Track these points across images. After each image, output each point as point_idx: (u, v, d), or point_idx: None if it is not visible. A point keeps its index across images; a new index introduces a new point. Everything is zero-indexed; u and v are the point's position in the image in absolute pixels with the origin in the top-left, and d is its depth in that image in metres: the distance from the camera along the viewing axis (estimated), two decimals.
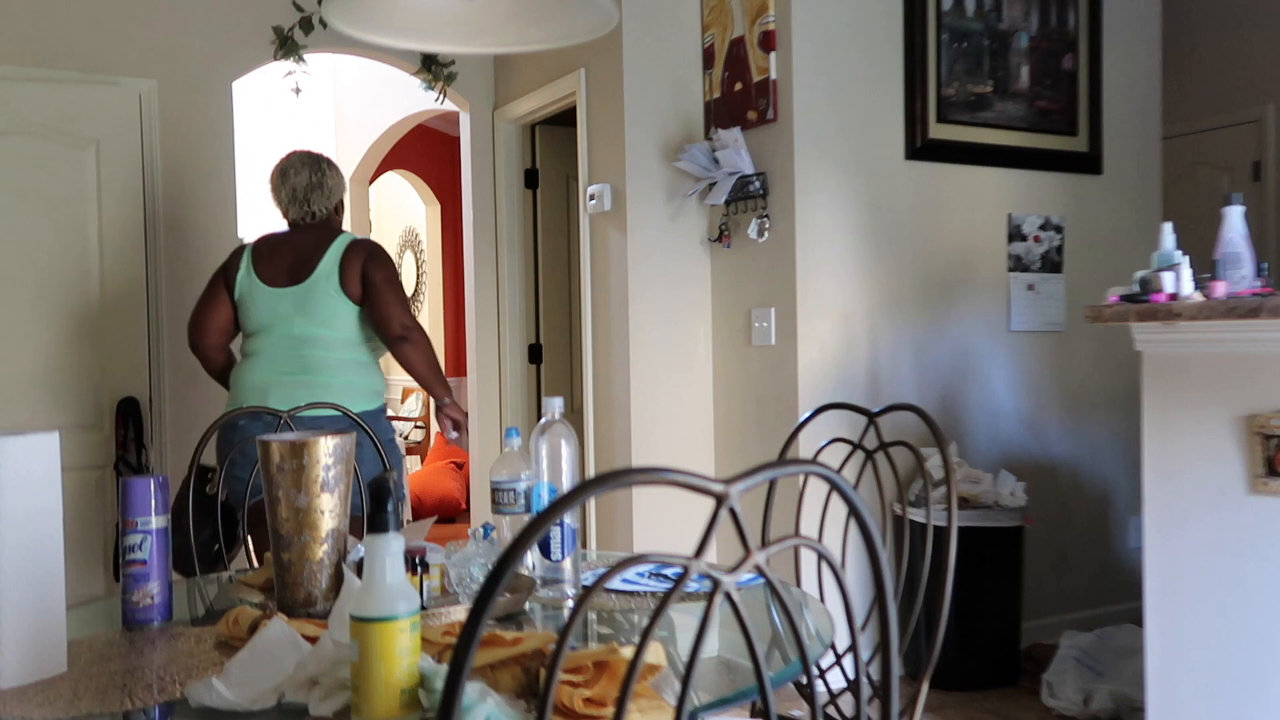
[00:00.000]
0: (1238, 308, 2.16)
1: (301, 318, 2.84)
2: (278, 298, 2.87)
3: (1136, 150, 4.15)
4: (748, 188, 3.63)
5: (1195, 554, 2.37)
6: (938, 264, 3.75)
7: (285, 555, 1.52)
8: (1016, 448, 3.88)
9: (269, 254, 2.92)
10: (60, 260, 3.70)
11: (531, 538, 0.73)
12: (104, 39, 3.83)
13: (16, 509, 1.32)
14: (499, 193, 4.82)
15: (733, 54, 3.74)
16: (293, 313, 2.85)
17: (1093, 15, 4.00)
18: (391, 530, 1.14)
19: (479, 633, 0.71)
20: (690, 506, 2.92)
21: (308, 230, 2.98)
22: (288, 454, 1.50)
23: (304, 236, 2.96)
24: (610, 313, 3.97)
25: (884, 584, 0.93)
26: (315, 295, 2.85)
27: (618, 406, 3.93)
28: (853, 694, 0.98)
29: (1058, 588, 3.91)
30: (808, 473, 0.88)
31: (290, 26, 4.13)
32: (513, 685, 1.13)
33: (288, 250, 2.92)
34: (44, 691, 1.27)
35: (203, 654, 1.40)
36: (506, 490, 1.75)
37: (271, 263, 2.90)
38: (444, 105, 4.80)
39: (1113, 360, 4.01)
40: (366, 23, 1.96)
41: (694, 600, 1.63)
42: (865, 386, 3.61)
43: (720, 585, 0.81)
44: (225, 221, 4.07)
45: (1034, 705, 3.24)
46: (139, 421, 3.79)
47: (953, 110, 3.72)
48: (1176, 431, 2.40)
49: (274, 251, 2.93)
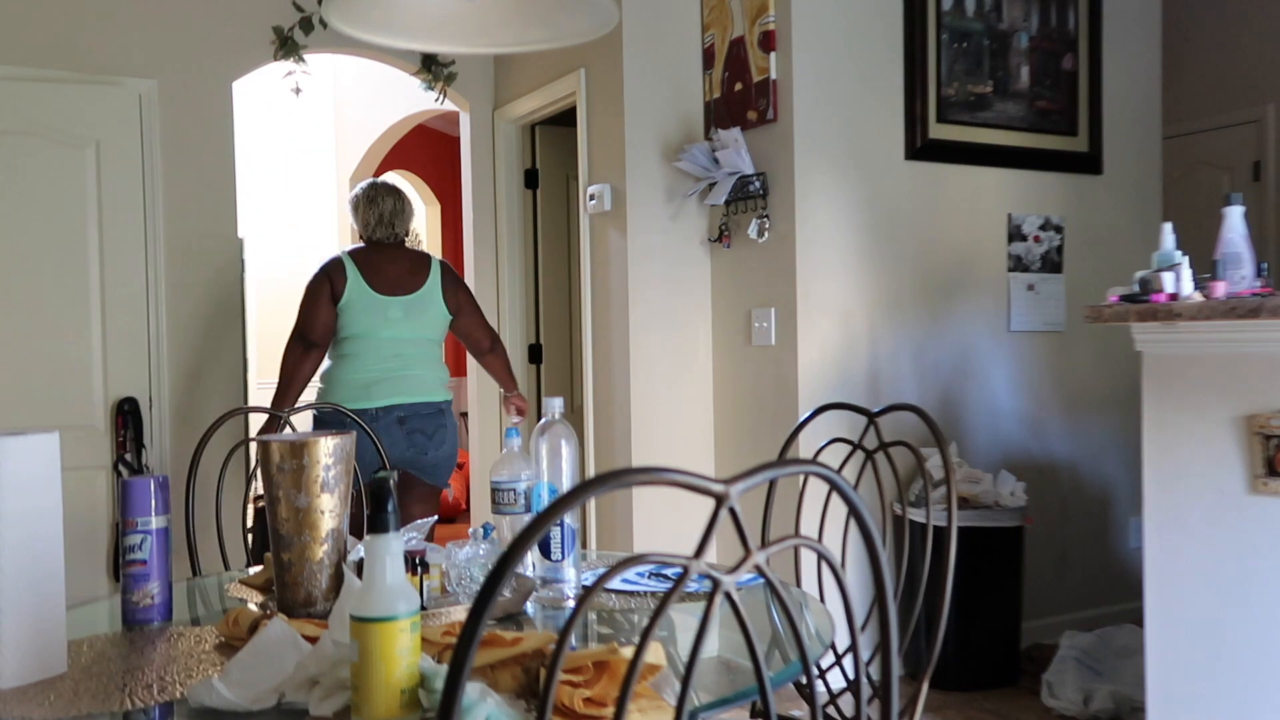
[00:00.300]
0: (1238, 308, 2.16)
1: (408, 323, 3.32)
2: (387, 304, 3.30)
3: (1136, 150, 4.15)
4: (748, 188, 3.63)
5: (1195, 554, 2.37)
6: (938, 264, 3.75)
7: (285, 555, 1.52)
8: (1016, 448, 3.88)
9: (374, 268, 3.33)
10: (60, 260, 3.70)
11: (531, 538, 0.73)
12: (104, 39, 3.83)
13: (16, 509, 1.32)
14: (499, 193, 4.82)
15: (733, 54, 3.74)
16: (401, 318, 3.31)
17: (1093, 15, 4.00)
18: (392, 530, 1.14)
19: (479, 633, 0.71)
20: (690, 506, 2.92)
21: (397, 248, 3.43)
22: (288, 454, 1.50)
23: (398, 253, 3.42)
24: (610, 313, 3.97)
25: (884, 584, 0.93)
26: (424, 305, 3.35)
27: (618, 406, 3.94)
28: (853, 694, 0.98)
29: (1058, 588, 3.91)
30: (808, 473, 0.88)
31: (290, 26, 4.13)
32: (513, 685, 1.13)
33: (391, 265, 3.36)
34: (44, 691, 1.27)
35: (203, 654, 1.41)
36: (506, 490, 1.75)
37: (379, 275, 3.32)
38: (444, 105, 4.80)
39: (1113, 360, 4.01)
40: (366, 23, 1.96)
41: (694, 600, 1.63)
42: (865, 386, 3.61)
43: (720, 585, 0.81)
44: (225, 221, 4.07)
45: (1034, 705, 3.24)
46: (139, 421, 3.79)
47: (953, 110, 3.72)
48: (1176, 431, 2.40)
49: (378, 266, 3.35)
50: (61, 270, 3.70)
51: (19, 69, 3.68)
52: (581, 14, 1.99)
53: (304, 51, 4.16)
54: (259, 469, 1.58)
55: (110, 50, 3.84)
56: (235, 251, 4.18)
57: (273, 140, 7.77)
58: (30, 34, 3.72)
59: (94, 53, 3.81)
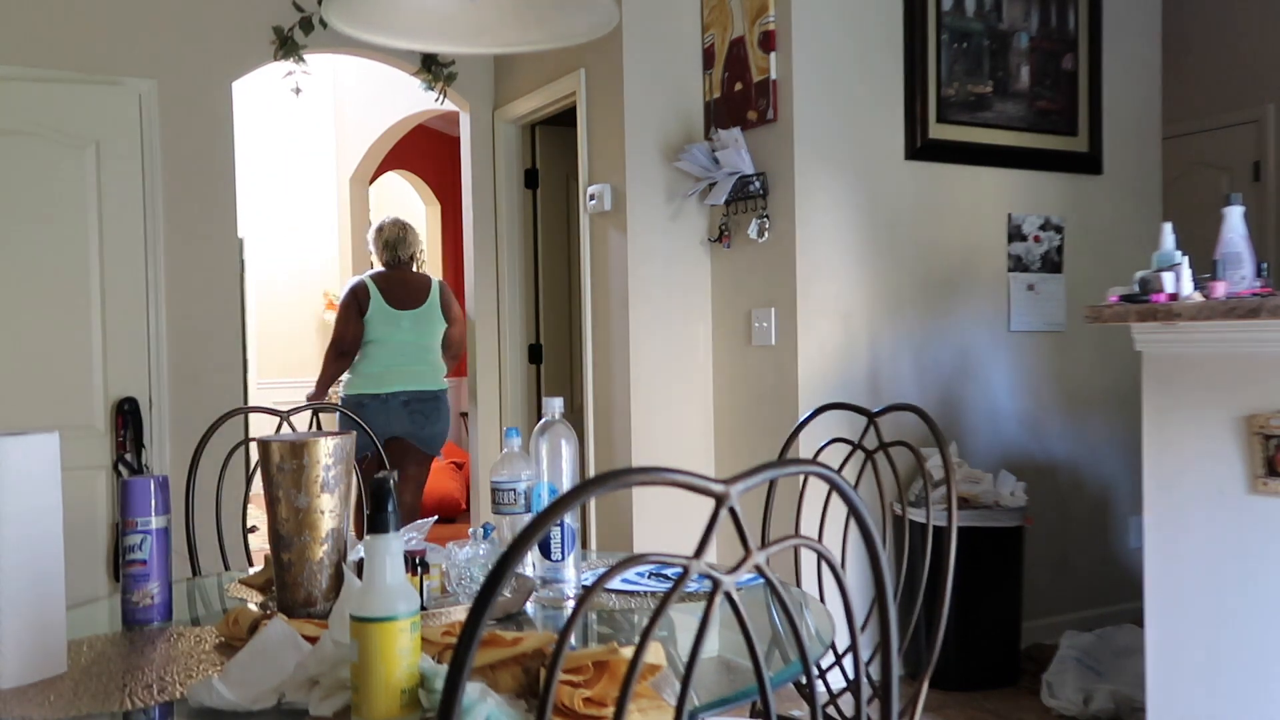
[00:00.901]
0: (1238, 308, 2.16)
1: (415, 330, 4.35)
2: (400, 316, 4.33)
3: (1136, 150, 4.15)
4: (748, 188, 3.63)
5: (1195, 554, 2.37)
6: (938, 264, 3.75)
7: (285, 555, 1.52)
8: (1016, 448, 3.88)
9: (389, 287, 4.35)
10: (60, 260, 3.70)
11: (531, 538, 0.73)
12: (104, 39, 3.83)
13: (16, 509, 1.32)
14: (499, 193, 4.82)
15: (733, 54, 3.74)
16: (410, 327, 4.34)
17: (1093, 15, 4.00)
18: (392, 530, 1.14)
19: (479, 633, 0.71)
20: (690, 506, 2.92)
21: (406, 270, 4.47)
22: (288, 454, 1.50)
23: (406, 275, 4.45)
24: (610, 313, 3.97)
25: (884, 584, 0.93)
26: (428, 317, 4.39)
27: (618, 406, 3.94)
28: (853, 694, 0.98)
29: (1058, 588, 3.91)
30: (808, 473, 0.88)
31: (290, 26, 4.13)
32: (513, 685, 1.13)
33: (401, 285, 4.38)
34: (44, 691, 1.27)
35: (203, 654, 1.41)
36: (506, 490, 1.75)
37: (393, 293, 4.34)
38: (444, 105, 4.80)
39: (1113, 360, 4.01)
40: (366, 23, 1.96)
41: (694, 600, 1.63)
42: (865, 386, 3.61)
43: (720, 585, 0.81)
44: (225, 221, 4.07)
45: (1034, 705, 3.24)
46: (139, 421, 3.79)
47: (953, 110, 3.72)
48: (1176, 431, 2.40)
49: (392, 286, 4.36)
50: (61, 270, 3.70)
51: (19, 69, 3.68)
52: (581, 14, 1.99)
53: (304, 51, 4.16)
54: (259, 469, 1.58)
55: (110, 50, 3.84)
56: (235, 251, 4.18)
57: (273, 140, 7.78)
58: (30, 34, 3.72)
59: (94, 53, 3.81)
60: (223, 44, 4.04)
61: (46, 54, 3.74)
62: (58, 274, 3.70)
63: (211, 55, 4.02)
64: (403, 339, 4.31)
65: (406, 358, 4.32)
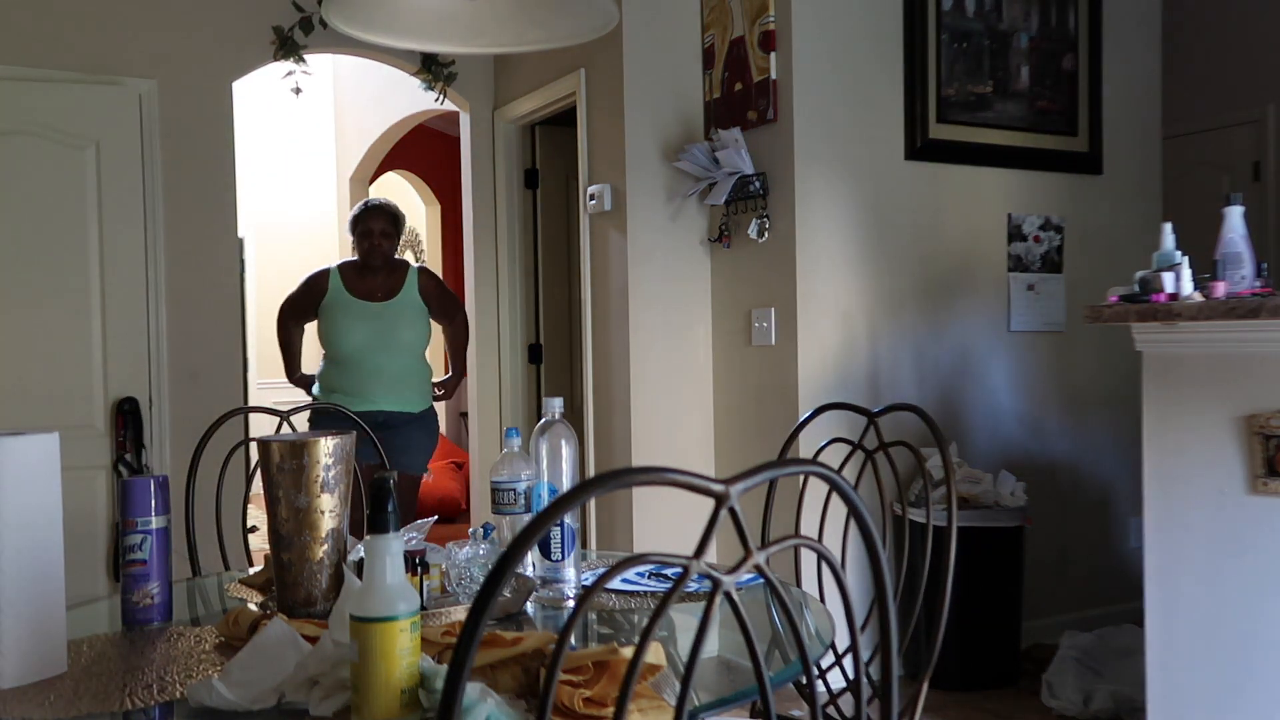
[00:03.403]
0: (1238, 308, 2.16)
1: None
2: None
3: (1136, 150, 4.15)
4: (748, 188, 3.63)
5: (1195, 554, 2.37)
6: (938, 264, 3.75)
7: (285, 555, 1.52)
8: (1016, 448, 3.88)
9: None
10: (60, 260, 3.70)
11: (531, 538, 0.73)
12: (104, 39, 3.83)
13: (16, 509, 1.32)
14: (499, 193, 4.82)
15: (733, 54, 3.74)
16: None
17: (1093, 15, 3.99)
18: (391, 530, 1.14)
19: (479, 633, 0.71)
20: (690, 506, 2.92)
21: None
22: (288, 454, 1.50)
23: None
24: (610, 313, 3.97)
25: (884, 584, 0.93)
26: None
27: (618, 406, 3.93)
28: (853, 694, 0.98)
29: (1058, 588, 3.91)
30: (808, 473, 0.88)
31: (290, 26, 4.13)
32: (513, 685, 1.13)
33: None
34: (44, 691, 1.27)
35: (203, 654, 1.41)
36: (506, 490, 1.75)
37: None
38: (444, 105, 4.80)
39: (1113, 360, 4.01)
40: (366, 23, 1.96)
41: (694, 600, 1.63)
42: (865, 386, 3.61)
43: (720, 585, 0.81)
44: (225, 221, 4.07)
45: (1034, 705, 3.24)
46: (139, 421, 3.79)
47: (953, 110, 3.72)
48: (1176, 431, 2.40)
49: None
50: (61, 270, 3.70)
51: (19, 69, 3.68)
52: (581, 14, 1.99)
53: (304, 51, 4.16)
54: (259, 469, 1.58)
55: (110, 50, 3.84)
56: (235, 251, 4.18)
57: (273, 140, 7.77)
58: (30, 34, 3.72)
59: (94, 53, 3.81)
60: (223, 44, 4.04)
61: (46, 54, 3.74)
62: (58, 274, 3.70)
63: (211, 55, 4.02)
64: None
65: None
